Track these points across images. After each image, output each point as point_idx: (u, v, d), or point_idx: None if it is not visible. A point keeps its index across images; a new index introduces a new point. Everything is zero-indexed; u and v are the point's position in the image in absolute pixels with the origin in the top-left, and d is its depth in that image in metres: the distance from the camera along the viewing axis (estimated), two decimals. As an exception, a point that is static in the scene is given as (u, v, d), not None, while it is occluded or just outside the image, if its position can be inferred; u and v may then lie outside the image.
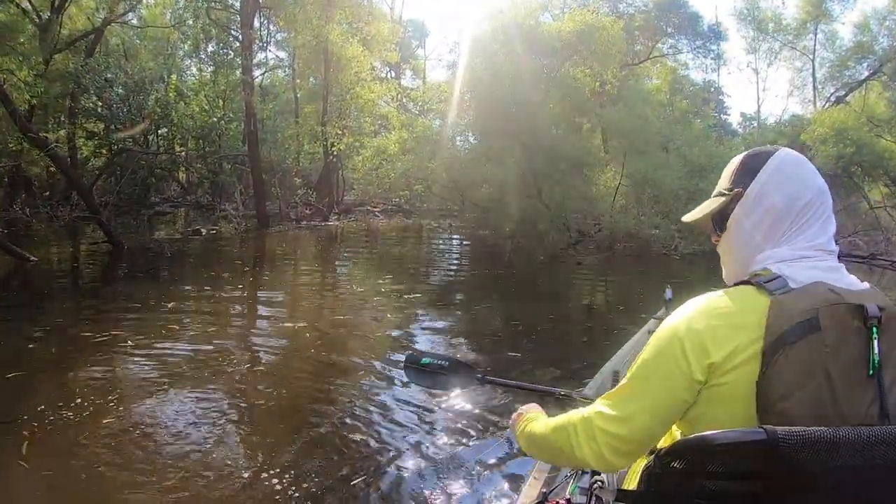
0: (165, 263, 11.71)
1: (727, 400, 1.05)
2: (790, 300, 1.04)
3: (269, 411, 4.38)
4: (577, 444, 1.16)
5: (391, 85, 27.43)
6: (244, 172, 22.08)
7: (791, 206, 1.16)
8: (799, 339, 0.99)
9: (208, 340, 6.03)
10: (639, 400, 1.12)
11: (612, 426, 1.12)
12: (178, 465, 3.45)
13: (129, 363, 5.24)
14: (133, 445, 3.67)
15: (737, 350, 1.03)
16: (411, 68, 42.94)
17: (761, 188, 1.19)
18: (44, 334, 6.12)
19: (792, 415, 0.97)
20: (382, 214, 25.08)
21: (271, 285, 9.80)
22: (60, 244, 12.94)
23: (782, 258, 1.14)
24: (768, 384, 0.99)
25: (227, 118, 21.82)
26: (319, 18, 21.55)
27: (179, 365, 5.20)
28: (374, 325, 7.22)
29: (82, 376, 4.84)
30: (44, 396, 4.36)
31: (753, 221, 1.19)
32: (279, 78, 28.38)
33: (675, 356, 1.08)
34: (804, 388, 0.97)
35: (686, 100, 28.52)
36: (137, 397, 4.44)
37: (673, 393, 1.09)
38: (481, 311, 8.46)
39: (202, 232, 16.16)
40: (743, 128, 35.81)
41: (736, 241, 1.24)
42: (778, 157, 1.20)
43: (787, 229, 1.16)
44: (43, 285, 9.14)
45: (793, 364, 0.98)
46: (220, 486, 3.28)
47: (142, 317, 6.91)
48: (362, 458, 3.68)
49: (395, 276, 10.93)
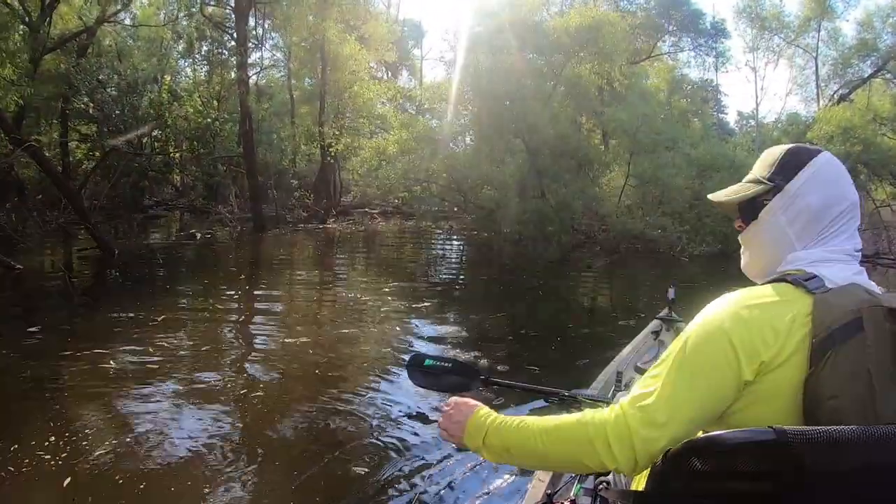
0: (157, 271, 11.29)
1: (770, 398, 1.04)
2: (833, 299, 1.05)
3: (269, 427, 4.17)
4: (604, 451, 1.08)
5: (389, 84, 27.18)
6: (239, 174, 21.72)
7: (827, 211, 1.17)
8: (848, 339, 0.99)
9: (200, 357, 5.68)
10: (682, 403, 1.06)
11: (653, 432, 1.05)
12: (170, 487, 3.30)
13: (113, 384, 4.83)
14: (124, 465, 3.51)
15: (784, 348, 1.03)
16: (408, 68, 42.79)
17: (802, 186, 1.19)
18: (19, 352, 5.68)
19: (841, 413, 0.96)
20: (381, 216, 24.70)
21: (268, 294, 9.35)
22: (50, 250, 12.51)
23: (816, 259, 1.15)
24: (818, 382, 0.99)
25: (222, 119, 21.54)
26: (315, 16, 21.27)
27: (170, 382, 4.89)
28: (376, 333, 6.87)
29: (59, 402, 4.48)
30: (21, 422, 4.07)
31: (789, 217, 1.20)
32: (274, 79, 28.17)
33: (724, 354, 1.05)
34: (851, 388, 0.97)
35: (685, 99, 28.30)
36: (124, 420, 4.16)
37: (721, 393, 1.06)
38: (487, 316, 8.11)
39: (196, 236, 15.77)
40: (740, 127, 35.63)
41: (767, 233, 1.24)
42: (822, 159, 1.20)
43: (820, 232, 1.17)
44: (25, 296, 8.71)
45: (842, 363, 0.98)
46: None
47: (128, 331, 6.47)
48: (361, 461, 3.68)
49: (396, 281, 10.59)
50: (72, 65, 16.34)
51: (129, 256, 11.87)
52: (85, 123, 19.88)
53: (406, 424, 4.24)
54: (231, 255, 13.87)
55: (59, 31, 16.91)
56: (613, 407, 1.12)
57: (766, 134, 25.59)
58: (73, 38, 16.78)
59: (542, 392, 2.18)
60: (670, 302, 3.86)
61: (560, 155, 17.21)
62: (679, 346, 1.11)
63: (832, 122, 19.99)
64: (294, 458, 3.72)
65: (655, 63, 29.08)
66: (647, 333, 3.73)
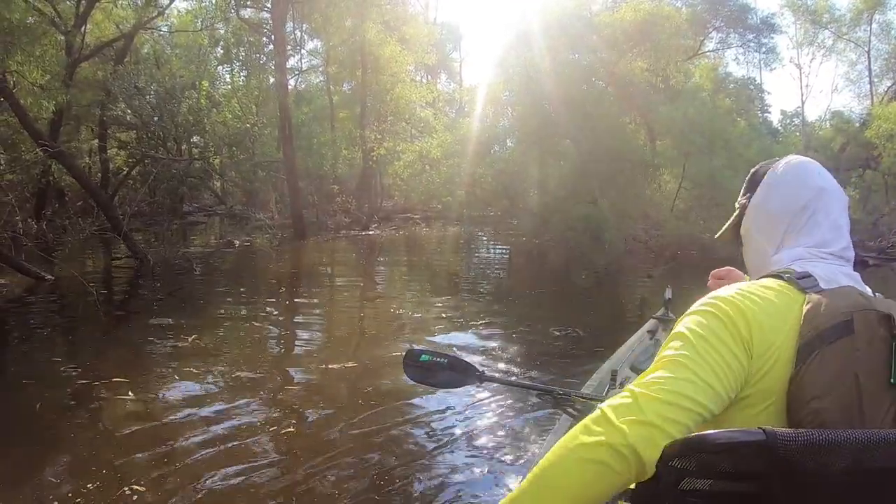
0: (193, 282, 10.70)
1: (762, 398, 1.02)
2: (825, 299, 1.03)
3: (308, 457, 3.72)
4: (608, 431, 0.94)
5: (430, 87, 26.72)
6: (279, 180, 21.30)
7: (787, 208, 1.21)
8: (836, 340, 0.98)
9: (235, 381, 5.01)
10: (691, 370, 0.99)
11: (665, 396, 0.96)
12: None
13: (139, 406, 4.42)
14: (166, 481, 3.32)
15: (775, 346, 1.01)
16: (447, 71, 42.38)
17: (763, 197, 1.24)
18: (37, 371, 5.22)
19: (825, 414, 0.96)
20: (424, 221, 24.03)
21: (309, 309, 8.50)
22: (84, 259, 12.05)
23: (799, 257, 1.16)
24: (802, 382, 0.98)
25: (261, 124, 21.21)
26: (355, 17, 20.88)
27: (203, 409, 4.41)
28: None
29: (84, 421, 4.20)
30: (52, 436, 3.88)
31: (758, 228, 1.26)
32: (313, 84, 27.82)
33: (734, 327, 1.01)
34: (836, 389, 0.97)
35: (729, 98, 27.18)
36: (152, 445, 3.78)
37: (733, 366, 1.00)
38: (539, 329, 7.21)
39: (235, 243, 15.30)
40: (784, 126, 34.19)
41: (750, 251, 1.29)
42: (778, 165, 1.26)
43: (785, 230, 1.20)
44: (52, 309, 8.24)
45: (828, 364, 0.98)
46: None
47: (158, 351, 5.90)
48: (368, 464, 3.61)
49: (441, 290, 9.86)
50: (109, 72, 16.11)
51: (164, 265, 11.41)
52: (123, 130, 19.71)
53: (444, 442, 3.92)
54: (270, 265, 13.22)
55: (95, 39, 16.72)
56: (609, 401, 1.01)
57: (812, 133, 24.66)
58: (109, 44, 16.65)
59: (536, 389, 2.22)
60: (667, 302, 3.90)
61: (613, 158, 16.31)
62: (680, 330, 1.06)
63: (891, 120, 18.81)
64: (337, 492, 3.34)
65: (697, 61, 27.95)
66: (643, 333, 3.69)
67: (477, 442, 3.91)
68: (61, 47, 14.12)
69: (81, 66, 15.16)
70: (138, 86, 17.77)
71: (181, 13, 23.30)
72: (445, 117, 23.92)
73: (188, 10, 23.07)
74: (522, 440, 3.99)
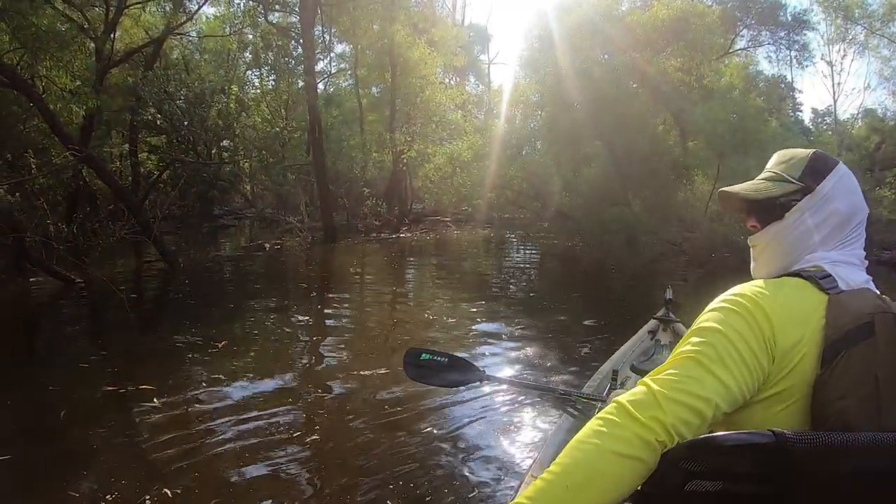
0: (223, 285, 10.56)
1: (785, 399, 1.01)
2: (847, 301, 1.04)
3: (337, 452, 3.75)
4: (640, 427, 0.94)
5: (459, 89, 26.53)
6: (309, 183, 21.20)
7: (852, 217, 1.18)
8: (861, 341, 0.98)
9: (264, 390, 4.80)
10: (709, 369, 0.99)
11: (687, 386, 0.97)
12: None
13: (167, 412, 4.24)
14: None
15: (799, 345, 1.01)
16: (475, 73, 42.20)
17: (831, 190, 1.18)
18: (66, 375, 5.09)
19: (849, 415, 0.95)
20: (454, 224, 23.77)
21: (340, 314, 8.18)
22: (114, 262, 11.96)
23: (834, 260, 1.14)
24: (828, 382, 0.97)
25: (290, 127, 21.16)
26: (383, 20, 20.76)
27: (228, 419, 4.18)
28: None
29: (112, 427, 4.05)
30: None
31: (817, 220, 1.18)
32: (342, 87, 27.76)
33: (755, 324, 1.01)
34: (860, 389, 0.96)
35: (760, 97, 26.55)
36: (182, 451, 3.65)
37: (750, 360, 1.00)
38: (576, 337, 6.81)
39: (265, 247, 15.15)
40: (814, 125, 33.32)
41: (791, 234, 1.20)
42: (843, 168, 1.21)
43: (844, 237, 1.18)
44: (82, 312, 8.16)
45: (854, 365, 0.97)
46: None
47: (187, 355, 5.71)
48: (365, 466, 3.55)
49: (473, 294, 9.44)
50: (139, 77, 16.15)
51: (194, 268, 11.35)
52: (154, 135, 19.79)
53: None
54: (301, 269, 13.04)
55: (124, 45, 16.79)
56: (629, 392, 1.01)
57: (844, 132, 23.96)
58: (139, 50, 16.68)
59: (538, 389, 2.41)
60: (667, 302, 3.87)
61: (644, 159, 15.86)
62: (702, 325, 1.05)
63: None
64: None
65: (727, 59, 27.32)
66: (644, 333, 3.69)
67: (480, 442, 3.85)
68: (91, 53, 14.12)
69: (111, 71, 15.19)
70: (168, 91, 17.83)
71: (209, 19, 23.49)
72: (475, 119, 23.64)
73: (216, 16, 23.22)
74: (523, 440, 3.90)
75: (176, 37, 18.61)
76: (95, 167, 11.30)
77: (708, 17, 17.76)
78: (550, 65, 17.42)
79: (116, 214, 13.64)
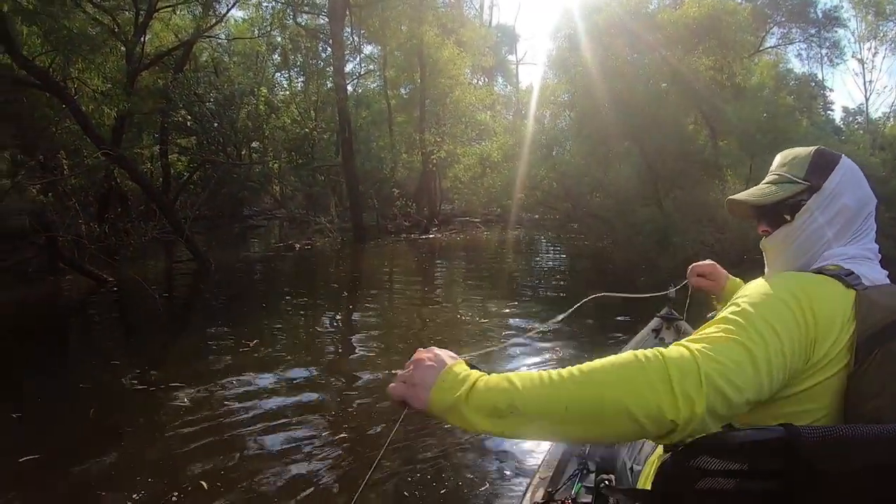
0: (254, 285, 10.50)
1: (823, 396, 0.99)
2: (876, 297, 1.02)
3: (364, 453, 3.69)
4: (662, 387, 0.89)
5: (488, 89, 26.38)
6: (339, 184, 21.17)
7: (861, 210, 1.18)
8: (893, 338, 0.96)
9: (294, 390, 4.72)
10: (763, 361, 0.93)
11: (733, 376, 0.91)
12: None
13: (197, 411, 4.17)
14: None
15: (836, 342, 0.98)
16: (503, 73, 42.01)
17: (837, 186, 1.17)
18: (96, 374, 5.05)
19: (883, 412, 0.93)
20: (484, 225, 23.58)
21: (370, 315, 7.98)
22: (145, 262, 12.00)
23: (851, 256, 1.14)
24: (862, 379, 0.95)
25: (320, 128, 21.15)
26: (411, 21, 20.68)
27: (262, 411, 4.24)
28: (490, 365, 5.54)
29: (142, 426, 4.01)
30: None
31: (827, 217, 1.17)
32: (370, 89, 27.74)
33: (798, 323, 0.98)
34: (893, 386, 0.94)
35: (791, 95, 25.95)
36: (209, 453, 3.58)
37: (793, 356, 0.96)
38: (600, 340, 6.49)
39: (295, 247, 15.15)
40: (846, 124, 32.50)
41: (802, 233, 1.19)
42: (847, 161, 1.21)
43: (855, 230, 1.17)
44: (113, 311, 8.15)
45: (887, 361, 0.95)
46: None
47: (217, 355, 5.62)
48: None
49: (503, 297, 9.15)
50: (169, 80, 16.24)
51: (225, 269, 11.33)
52: (184, 136, 19.91)
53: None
54: (331, 269, 12.95)
55: (154, 48, 16.88)
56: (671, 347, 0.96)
57: (877, 130, 23.30)
58: (169, 53, 16.72)
59: None
60: (669, 300, 3.69)
61: (676, 159, 15.56)
62: (755, 309, 0.99)
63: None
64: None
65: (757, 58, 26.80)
66: (648, 331, 3.63)
67: (495, 440, 3.75)
68: (122, 56, 14.21)
69: (142, 74, 15.27)
70: (198, 93, 17.91)
71: (238, 21, 23.57)
72: (504, 120, 23.45)
73: (245, 19, 23.30)
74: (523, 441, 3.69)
75: (205, 39, 18.63)
76: (127, 168, 11.34)
77: (739, 15, 17.36)
78: (579, 64, 17.18)
79: (148, 215, 13.77)
